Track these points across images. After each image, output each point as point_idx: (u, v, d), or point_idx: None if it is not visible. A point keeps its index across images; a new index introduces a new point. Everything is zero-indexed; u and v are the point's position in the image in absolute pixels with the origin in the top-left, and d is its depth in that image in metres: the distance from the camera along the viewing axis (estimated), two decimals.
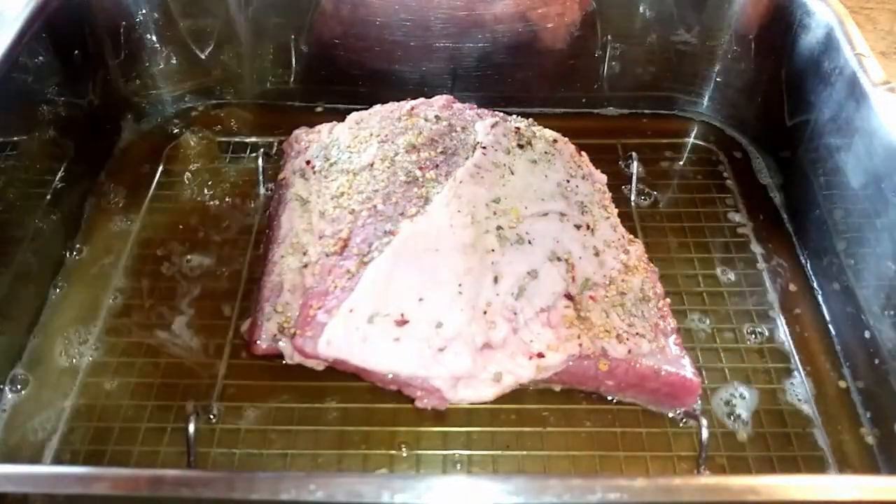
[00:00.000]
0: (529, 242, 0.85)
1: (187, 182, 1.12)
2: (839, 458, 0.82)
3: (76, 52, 1.08)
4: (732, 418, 0.85)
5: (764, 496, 0.58)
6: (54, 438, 0.82)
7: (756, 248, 1.04)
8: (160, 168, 1.14)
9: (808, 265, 1.01)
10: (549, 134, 1.01)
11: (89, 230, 1.05)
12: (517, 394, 0.82)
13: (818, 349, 0.92)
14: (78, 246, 1.02)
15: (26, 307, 0.93)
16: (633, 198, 1.10)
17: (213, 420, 0.84)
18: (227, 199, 1.09)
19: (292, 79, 1.24)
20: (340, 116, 1.07)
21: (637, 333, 0.83)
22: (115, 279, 0.98)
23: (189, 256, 1.01)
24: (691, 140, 1.22)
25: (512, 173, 0.92)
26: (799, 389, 0.88)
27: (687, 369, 0.83)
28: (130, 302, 0.95)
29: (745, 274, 1.00)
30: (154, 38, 1.18)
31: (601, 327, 0.82)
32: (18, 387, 0.86)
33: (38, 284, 0.96)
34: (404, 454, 0.82)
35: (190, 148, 1.18)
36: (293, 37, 1.19)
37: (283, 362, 0.85)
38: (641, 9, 1.16)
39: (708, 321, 0.94)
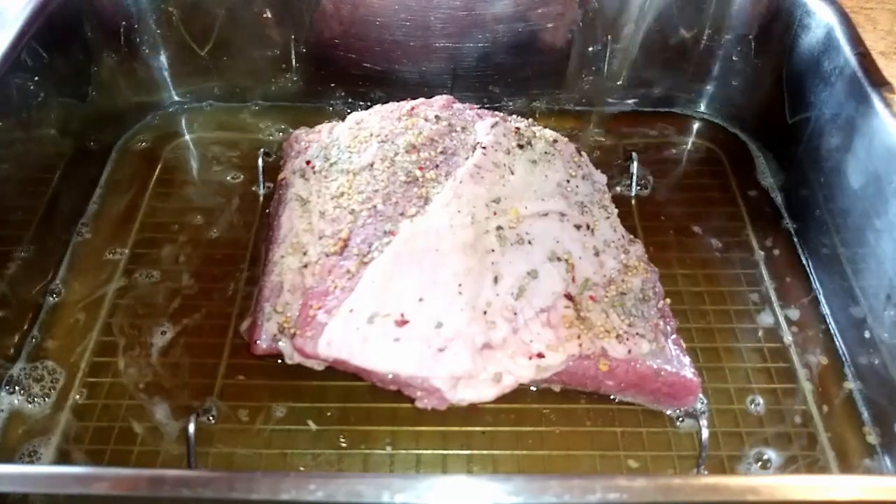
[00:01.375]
0: (529, 242, 0.85)
1: (187, 182, 1.12)
2: (840, 458, 0.82)
3: (75, 51, 1.08)
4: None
5: (764, 496, 0.58)
6: (54, 438, 0.82)
7: (756, 248, 1.04)
8: (159, 167, 1.14)
9: (809, 265, 1.01)
10: (549, 134, 1.01)
11: (89, 230, 1.04)
12: (517, 394, 0.82)
13: (818, 349, 0.92)
14: (77, 242, 1.02)
15: (25, 307, 0.93)
16: (633, 197, 1.10)
17: (213, 420, 0.84)
18: (226, 199, 1.09)
19: (292, 79, 1.24)
20: (340, 116, 1.07)
21: (637, 333, 0.83)
22: (114, 279, 0.98)
23: (188, 256, 1.01)
24: (692, 139, 1.22)
25: (512, 173, 0.92)
26: (799, 389, 0.88)
27: (687, 369, 0.83)
28: (130, 301, 0.95)
29: (745, 273, 1.00)
30: (154, 37, 1.18)
31: (601, 327, 0.82)
32: (17, 387, 0.86)
33: (36, 283, 0.96)
34: (404, 454, 0.82)
35: (189, 148, 1.18)
36: (293, 37, 1.19)
37: (283, 362, 0.84)
38: (641, 8, 1.16)
39: (708, 321, 0.94)
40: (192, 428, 0.78)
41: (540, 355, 0.79)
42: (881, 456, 0.83)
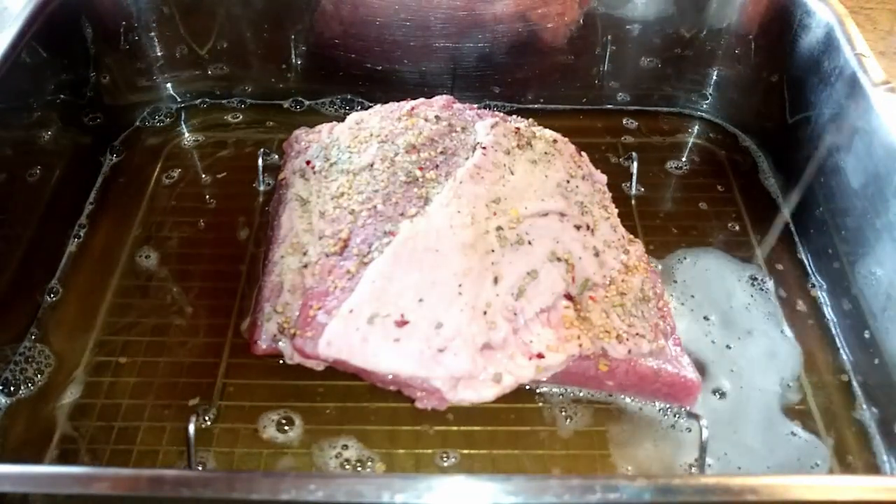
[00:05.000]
0: (529, 243, 0.85)
1: (187, 182, 1.12)
2: (840, 457, 0.82)
3: (75, 50, 1.08)
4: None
5: (764, 496, 0.58)
6: (54, 438, 0.82)
7: (756, 248, 1.04)
8: (158, 167, 1.14)
9: (809, 264, 1.01)
10: (549, 134, 1.01)
11: (88, 229, 1.05)
12: (517, 394, 0.82)
13: (818, 348, 0.92)
14: (76, 242, 1.02)
15: (24, 306, 0.93)
16: (633, 197, 1.10)
17: (213, 420, 0.84)
18: (226, 199, 1.09)
19: (292, 79, 1.24)
20: (340, 116, 1.07)
21: (637, 334, 0.83)
22: (113, 278, 0.98)
23: (188, 255, 1.01)
24: (692, 139, 1.22)
25: (512, 173, 0.92)
26: (799, 388, 0.88)
27: (687, 369, 0.83)
28: (129, 301, 0.95)
29: (746, 273, 1.00)
30: (153, 37, 1.18)
31: (601, 328, 0.82)
32: (15, 387, 0.86)
33: (35, 283, 0.96)
34: (404, 454, 0.82)
35: (189, 147, 1.18)
36: (293, 36, 1.19)
37: (283, 362, 0.84)
38: (642, 8, 1.16)
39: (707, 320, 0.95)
40: (192, 428, 0.78)
41: (540, 355, 0.79)
42: (882, 455, 0.83)
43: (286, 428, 0.83)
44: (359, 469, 0.80)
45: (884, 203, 0.87)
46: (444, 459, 0.81)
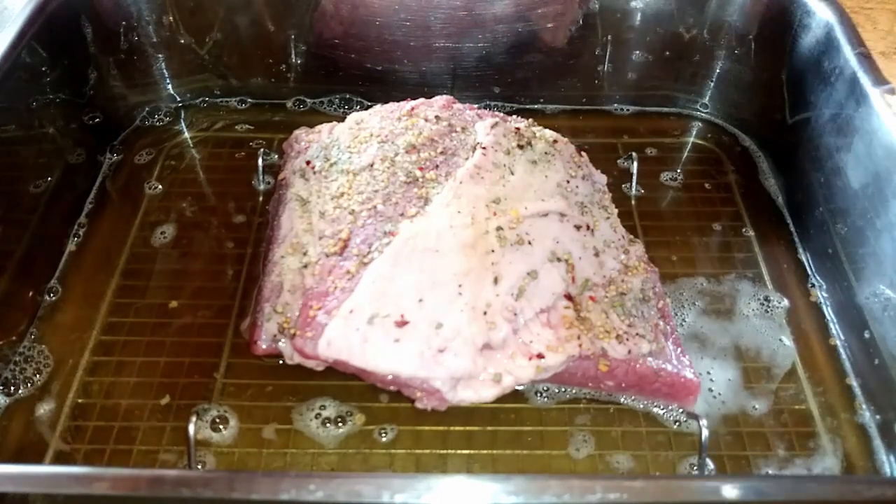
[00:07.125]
0: (529, 243, 0.85)
1: (186, 181, 1.12)
2: (841, 458, 0.82)
3: (75, 50, 1.08)
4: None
5: (764, 496, 0.58)
6: (53, 438, 0.82)
7: (756, 248, 1.04)
8: (158, 167, 1.14)
9: (809, 264, 1.01)
10: (549, 134, 1.01)
11: (87, 229, 1.04)
12: (517, 394, 0.82)
13: (818, 349, 0.92)
14: (76, 242, 1.02)
15: (23, 306, 0.93)
16: (633, 197, 1.10)
17: (213, 420, 0.84)
18: (226, 199, 1.09)
19: (292, 78, 1.24)
20: (340, 116, 1.07)
21: (637, 334, 0.83)
22: (113, 278, 0.98)
23: (188, 255, 1.01)
24: (692, 139, 1.22)
25: (512, 174, 0.92)
26: (799, 389, 0.88)
27: (687, 370, 0.83)
28: (129, 300, 0.95)
29: (746, 274, 1.00)
30: (153, 37, 1.18)
31: (601, 328, 0.82)
32: (14, 387, 0.86)
33: (34, 282, 0.96)
34: (404, 454, 0.82)
35: (189, 147, 1.18)
36: (293, 36, 1.19)
37: (284, 362, 0.84)
38: (641, 8, 1.16)
39: (708, 321, 0.94)
40: (192, 428, 0.78)
41: (540, 356, 0.79)
42: (882, 455, 0.83)
43: (286, 428, 0.83)
44: (339, 424, 0.82)
45: (884, 203, 0.87)
46: (445, 459, 0.81)
